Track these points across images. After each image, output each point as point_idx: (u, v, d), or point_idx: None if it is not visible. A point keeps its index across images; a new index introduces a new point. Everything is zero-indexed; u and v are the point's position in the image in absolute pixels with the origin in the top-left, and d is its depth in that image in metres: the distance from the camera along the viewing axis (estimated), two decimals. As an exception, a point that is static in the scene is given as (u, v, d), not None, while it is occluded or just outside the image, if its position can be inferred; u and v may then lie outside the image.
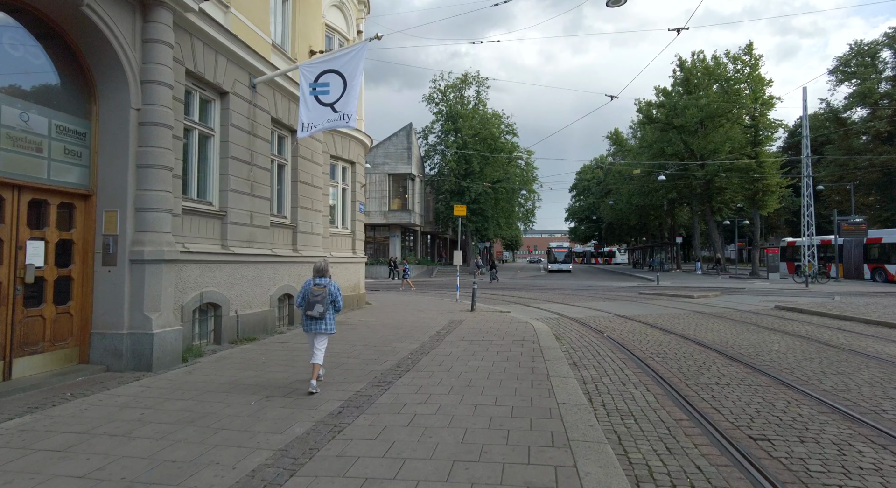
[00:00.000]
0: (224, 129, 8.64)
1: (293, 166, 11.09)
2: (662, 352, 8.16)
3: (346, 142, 13.93)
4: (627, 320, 12.22)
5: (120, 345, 6.26)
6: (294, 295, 10.77)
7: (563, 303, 16.84)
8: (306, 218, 11.36)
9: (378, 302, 16.37)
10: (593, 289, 24.73)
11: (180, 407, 4.88)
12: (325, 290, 5.50)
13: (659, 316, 13.10)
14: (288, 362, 6.98)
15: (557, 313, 13.77)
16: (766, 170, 32.22)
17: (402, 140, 42.02)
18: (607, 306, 15.77)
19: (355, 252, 14.54)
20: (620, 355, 7.95)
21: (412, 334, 9.52)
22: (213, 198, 8.52)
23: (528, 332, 9.55)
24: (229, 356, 7.42)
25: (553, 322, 11.94)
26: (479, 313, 12.87)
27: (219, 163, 8.60)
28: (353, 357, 7.34)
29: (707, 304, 16.15)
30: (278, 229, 10.42)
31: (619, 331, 10.58)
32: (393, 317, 12.27)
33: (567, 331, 10.46)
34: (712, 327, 11.03)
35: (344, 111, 9.02)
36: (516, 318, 11.81)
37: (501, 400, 5.07)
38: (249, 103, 9.25)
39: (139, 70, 6.53)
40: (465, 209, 16.34)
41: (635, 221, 57.81)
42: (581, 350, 8.39)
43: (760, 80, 32.95)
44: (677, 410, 5.12)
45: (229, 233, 8.58)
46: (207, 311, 8.21)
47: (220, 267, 8.29)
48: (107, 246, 6.37)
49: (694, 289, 22.98)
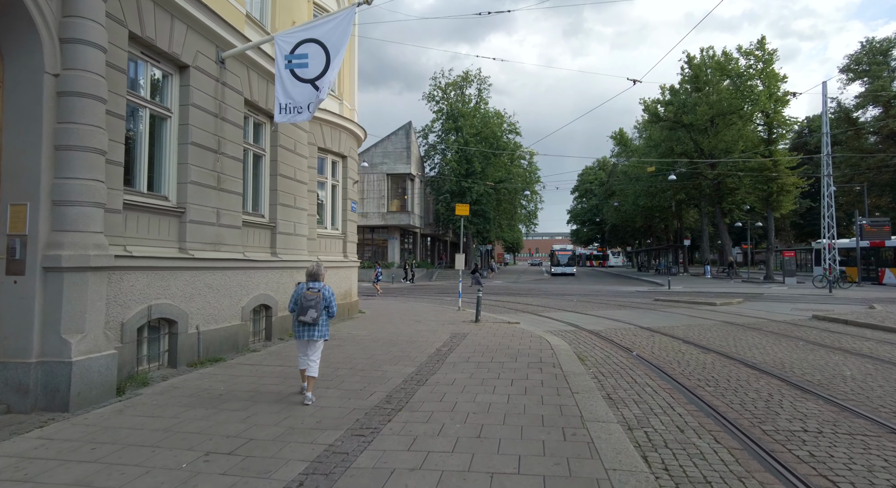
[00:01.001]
0: (184, 110, 7.23)
1: (272, 157, 9.68)
2: (711, 379, 6.72)
3: (335, 134, 12.53)
4: (653, 333, 10.79)
5: (26, 379, 4.83)
6: (272, 305, 9.36)
7: (576, 312, 15.41)
8: (288, 217, 9.95)
9: (372, 310, 14.94)
10: (603, 295, 23.30)
11: (76, 478, 3.46)
12: (319, 295, 5.28)
13: (687, 328, 11.67)
14: (252, 393, 5.55)
15: (572, 324, 12.34)
16: (782, 169, 30.77)
17: (401, 139, 40.64)
18: (625, 315, 14.34)
19: (346, 255, 13.13)
20: (662, 383, 6.52)
21: (408, 352, 8.10)
22: (169, 192, 7.10)
23: (545, 351, 8.13)
24: (181, 385, 6.00)
25: (570, 336, 10.51)
26: (484, 324, 11.45)
27: (177, 151, 7.19)
28: (333, 386, 5.91)
29: (734, 313, 14.71)
30: (253, 230, 9.01)
31: (648, 347, 9.16)
32: (387, 329, 10.84)
33: (588, 349, 9.03)
34: (754, 342, 9.60)
35: (323, 87, 7.66)
36: (527, 331, 10.39)
37: (527, 466, 3.64)
38: (217, 81, 7.85)
39: (57, 25, 5.12)
40: (467, 208, 14.95)
41: (641, 223, 56.39)
42: (612, 375, 6.96)
43: (774, 75, 31.56)
44: (774, 481, 3.69)
45: (189, 233, 7.17)
46: (159, 329, 6.79)
47: (175, 274, 6.87)
48: (12, 249, 4.95)
49: (712, 295, 21.57)
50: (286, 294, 9.86)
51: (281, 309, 9.66)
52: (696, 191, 42.01)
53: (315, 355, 5.36)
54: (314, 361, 5.33)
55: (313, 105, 7.71)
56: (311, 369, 5.31)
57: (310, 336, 5.29)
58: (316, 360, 5.35)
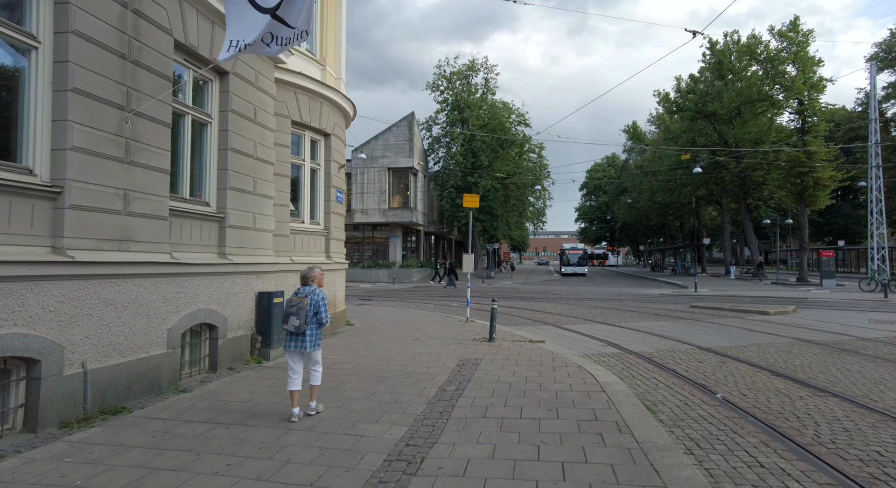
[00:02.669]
0: (60, 42, 4.84)
1: (222, 126, 7.29)
2: (875, 458, 4.27)
3: (315, 105, 10.11)
4: (722, 358, 8.32)
5: None
6: (219, 324, 6.99)
7: (605, 323, 12.94)
8: (244, 206, 7.56)
9: (365, 319, 12.54)
10: (626, 299, 20.80)
11: None
12: (305, 301, 4.83)
13: (758, 349, 9.19)
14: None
15: (609, 342, 9.88)
16: (817, 161, 28.08)
17: (404, 131, 38.14)
18: (668, 328, 11.86)
19: (330, 256, 10.72)
20: (805, 466, 4.06)
21: (399, 395, 5.70)
22: (36, 163, 4.71)
23: (595, 394, 5.70)
24: (20, 470, 3.62)
25: (615, 363, 8.06)
26: (501, 344, 9.02)
27: (50, 101, 4.80)
28: (264, 479, 3.51)
29: (799, 325, 12.19)
30: (190, 221, 6.62)
31: (727, 382, 6.71)
32: (376, 351, 8.44)
33: (651, 388, 6.57)
34: (873, 376, 7.08)
35: (294, 23, 5.42)
36: (559, 356, 7.96)
37: None
38: (123, 6, 5.45)
39: None
40: (477, 199, 12.52)
41: (656, 221, 53.72)
42: (712, 446, 4.50)
43: (809, 59, 28.87)
44: None
45: (69, 225, 4.78)
46: (9, 374, 4.41)
47: (42, 287, 4.49)
48: None
49: (750, 301, 19.05)
50: (241, 308, 7.48)
51: (233, 328, 7.28)
52: (717, 187, 39.36)
53: (314, 365, 5.06)
54: (316, 370, 5.08)
55: (282, 40, 5.44)
56: (314, 378, 5.06)
57: (295, 347, 4.91)
58: (318, 370, 5.08)
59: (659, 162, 42.49)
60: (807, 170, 28.36)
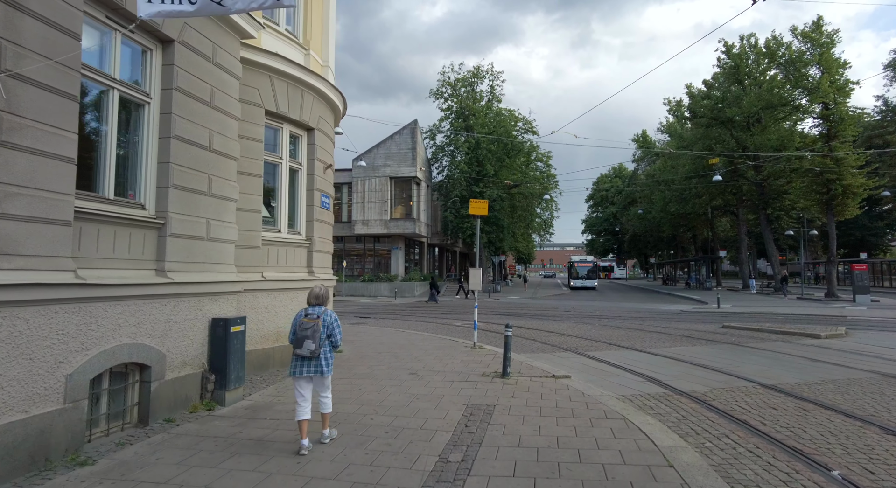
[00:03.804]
0: None
1: (164, 108, 5.73)
2: None
3: (295, 94, 8.56)
4: (802, 403, 6.56)
5: None
6: (152, 362, 5.33)
7: (634, 349, 11.19)
8: (193, 209, 5.96)
9: (356, 345, 10.86)
10: (646, 318, 18.99)
11: None
12: (319, 322, 4.55)
13: (838, 387, 7.43)
14: None
15: (650, 378, 8.14)
16: (845, 168, 26.32)
17: (406, 139, 36.71)
18: (710, 357, 10.11)
19: (313, 271, 9.08)
20: None
21: (381, 474, 4.01)
22: None
23: (658, 471, 4.00)
24: None
25: (667, 411, 6.32)
26: (517, 383, 7.31)
27: None
28: None
29: (868, 354, 10.37)
30: (112, 228, 5.02)
31: (835, 448, 4.97)
32: (362, 392, 6.75)
33: (732, 457, 4.82)
34: None
35: None
36: (593, 400, 6.25)
37: None
38: (1, -71, 3.91)
39: None
40: (485, 206, 10.88)
41: (668, 232, 51.87)
42: None
43: (835, 61, 27.27)
44: None
45: None
46: None
47: None
48: None
49: (782, 319, 17.23)
50: (187, 339, 5.83)
51: (174, 366, 5.63)
52: (734, 196, 37.59)
53: (325, 391, 4.72)
54: (326, 397, 4.72)
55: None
56: (324, 406, 4.72)
57: (309, 372, 4.55)
58: (328, 396, 4.73)
59: (672, 171, 40.82)
60: (835, 178, 26.60)
